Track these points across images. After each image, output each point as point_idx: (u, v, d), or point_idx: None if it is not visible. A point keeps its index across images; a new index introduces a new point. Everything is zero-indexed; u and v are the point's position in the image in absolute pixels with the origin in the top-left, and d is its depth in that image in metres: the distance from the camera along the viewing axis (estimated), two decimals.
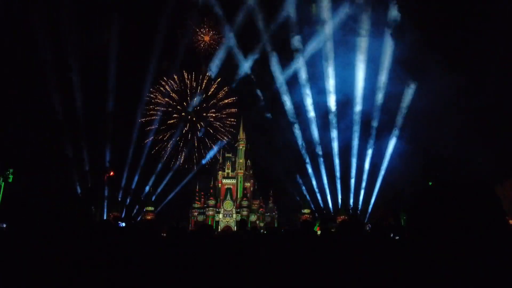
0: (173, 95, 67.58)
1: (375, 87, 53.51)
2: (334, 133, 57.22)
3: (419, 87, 50.93)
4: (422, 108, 49.99)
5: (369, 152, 55.51)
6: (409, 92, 52.05)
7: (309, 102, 57.70)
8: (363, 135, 56.12)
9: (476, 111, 45.39)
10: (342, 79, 54.71)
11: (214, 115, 68.90)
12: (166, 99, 67.29)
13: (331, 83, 55.51)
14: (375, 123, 54.97)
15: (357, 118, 55.54)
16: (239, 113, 65.85)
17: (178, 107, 67.62)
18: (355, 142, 55.97)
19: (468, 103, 46.30)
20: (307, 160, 58.81)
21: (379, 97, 53.45)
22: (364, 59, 52.57)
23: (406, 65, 50.31)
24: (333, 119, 56.91)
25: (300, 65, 57.32)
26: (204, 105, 68.47)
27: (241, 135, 62.83)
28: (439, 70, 45.05)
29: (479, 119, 45.15)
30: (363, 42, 51.62)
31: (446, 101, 47.22)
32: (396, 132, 53.29)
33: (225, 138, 68.18)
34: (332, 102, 56.48)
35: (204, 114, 68.90)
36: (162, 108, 66.65)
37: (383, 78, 52.31)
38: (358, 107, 54.94)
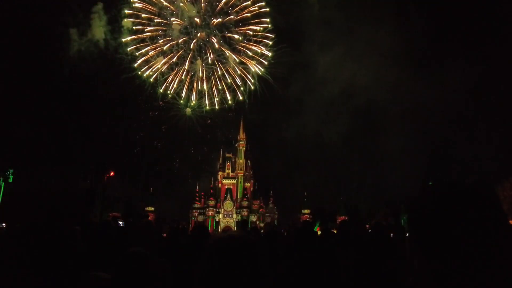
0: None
1: (379, 82, 53.18)
2: (334, 130, 57.08)
3: (424, 86, 50.70)
4: (425, 106, 49.86)
5: (370, 151, 55.47)
6: (414, 90, 51.55)
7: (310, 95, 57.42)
8: (364, 134, 56.08)
9: (476, 111, 45.38)
10: (346, 70, 54.22)
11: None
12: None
13: (335, 75, 55.16)
14: (378, 120, 54.75)
15: (358, 113, 55.36)
16: (239, 114, 65.24)
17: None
18: (357, 140, 55.93)
19: (469, 103, 46.28)
20: (307, 159, 58.81)
21: (384, 92, 53.03)
22: (370, 49, 52.16)
23: (415, 57, 49.80)
24: (334, 112, 56.73)
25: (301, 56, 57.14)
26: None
27: (241, 135, 62.79)
28: (444, 68, 44.89)
29: (479, 120, 45.12)
30: (371, 32, 51.12)
31: (447, 102, 47.17)
32: (398, 131, 53.12)
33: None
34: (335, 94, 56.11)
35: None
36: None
37: (390, 71, 51.59)
38: (361, 101, 54.53)
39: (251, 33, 60.76)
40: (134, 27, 57.86)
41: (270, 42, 60.18)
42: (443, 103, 48.39)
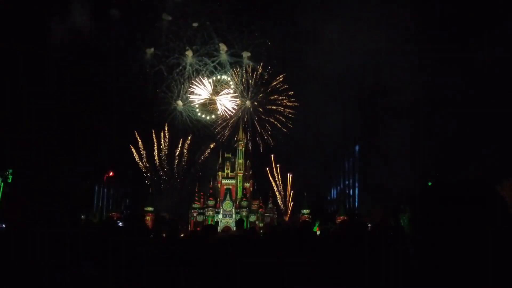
0: None
1: (379, 79, 53.09)
2: (334, 129, 57.12)
3: (425, 84, 50.53)
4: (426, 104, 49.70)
5: (370, 151, 55.50)
6: (415, 89, 51.37)
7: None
8: (363, 135, 56.13)
9: (476, 111, 45.37)
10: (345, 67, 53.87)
11: None
12: None
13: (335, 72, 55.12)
14: (377, 121, 54.80)
15: (358, 112, 55.33)
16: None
17: None
18: (356, 139, 56.01)
19: (469, 103, 46.27)
20: (307, 158, 58.91)
21: (384, 90, 52.88)
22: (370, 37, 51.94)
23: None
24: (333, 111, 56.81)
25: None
26: None
27: (241, 135, 62.80)
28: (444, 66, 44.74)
29: (479, 120, 45.13)
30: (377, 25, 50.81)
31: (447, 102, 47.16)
32: (398, 131, 53.07)
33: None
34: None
35: None
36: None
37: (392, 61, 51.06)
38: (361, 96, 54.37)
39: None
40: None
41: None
42: (443, 103, 48.45)
